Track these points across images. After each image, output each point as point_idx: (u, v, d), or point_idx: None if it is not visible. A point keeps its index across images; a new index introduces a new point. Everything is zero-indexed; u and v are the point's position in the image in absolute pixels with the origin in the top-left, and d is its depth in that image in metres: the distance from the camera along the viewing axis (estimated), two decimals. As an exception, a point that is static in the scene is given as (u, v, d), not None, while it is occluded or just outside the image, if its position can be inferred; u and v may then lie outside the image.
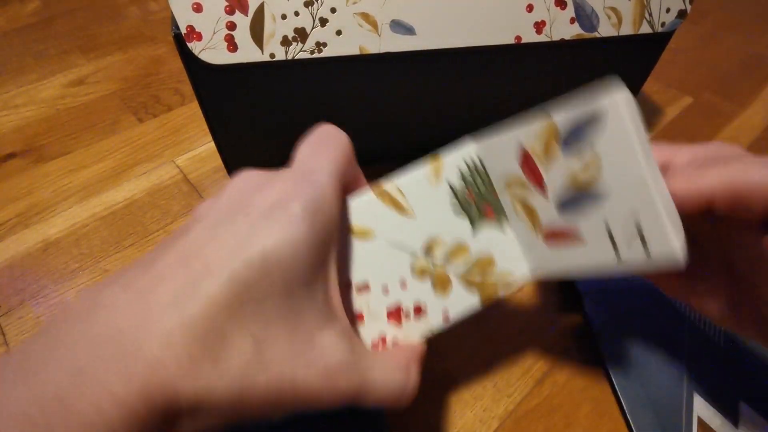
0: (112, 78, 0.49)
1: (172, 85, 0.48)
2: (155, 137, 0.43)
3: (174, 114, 0.46)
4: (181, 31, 0.27)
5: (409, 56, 0.30)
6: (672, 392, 0.27)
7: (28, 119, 0.45)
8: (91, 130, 0.44)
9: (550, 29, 0.31)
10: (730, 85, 0.50)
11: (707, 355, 0.29)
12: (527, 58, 0.34)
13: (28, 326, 0.31)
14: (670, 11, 0.33)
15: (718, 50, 0.54)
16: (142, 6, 0.60)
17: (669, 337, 0.29)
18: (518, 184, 0.19)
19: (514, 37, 0.31)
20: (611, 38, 0.33)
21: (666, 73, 0.51)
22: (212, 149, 0.42)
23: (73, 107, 0.46)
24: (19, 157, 0.42)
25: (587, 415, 0.27)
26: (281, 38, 0.28)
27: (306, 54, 0.29)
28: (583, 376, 0.29)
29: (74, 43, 0.54)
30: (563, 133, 0.17)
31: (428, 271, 0.20)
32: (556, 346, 0.30)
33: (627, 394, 0.27)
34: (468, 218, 0.20)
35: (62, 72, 0.50)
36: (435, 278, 0.20)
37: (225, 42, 0.27)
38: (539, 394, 0.28)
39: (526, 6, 0.30)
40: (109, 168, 0.41)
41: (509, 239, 0.20)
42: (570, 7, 0.31)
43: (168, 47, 0.53)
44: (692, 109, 0.47)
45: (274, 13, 0.27)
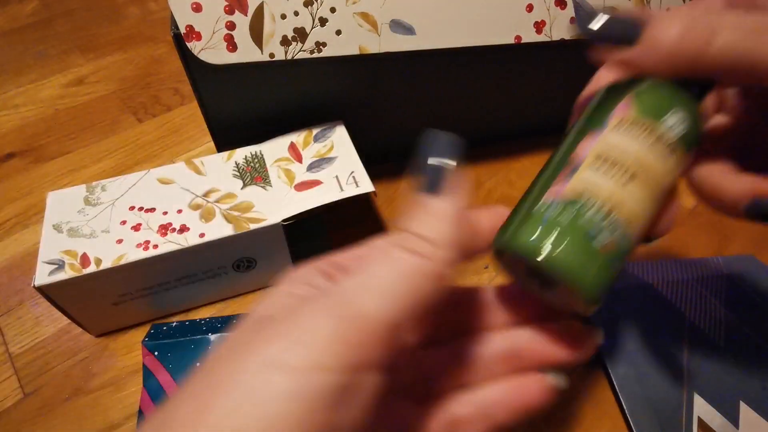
0: (111, 78, 0.49)
1: (172, 85, 0.48)
2: (155, 137, 0.43)
3: (173, 114, 0.45)
4: (180, 31, 0.27)
5: (408, 56, 0.30)
6: (672, 392, 0.27)
7: (28, 119, 0.45)
8: (91, 130, 0.44)
9: (550, 29, 0.31)
10: (730, 85, 0.50)
11: (707, 355, 0.29)
12: (527, 58, 0.34)
13: (27, 326, 0.31)
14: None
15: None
16: (141, 6, 0.60)
17: (669, 336, 0.29)
18: (284, 160, 0.31)
19: (513, 37, 0.31)
20: (611, 38, 0.33)
21: (666, 73, 0.50)
22: (212, 149, 0.42)
23: (73, 107, 0.46)
24: (18, 157, 0.42)
25: (587, 415, 0.27)
26: (281, 38, 0.28)
27: (306, 54, 0.29)
28: (583, 376, 0.29)
29: (74, 43, 0.54)
30: (315, 134, 0.33)
31: (201, 206, 0.29)
32: (556, 347, 0.30)
33: (627, 393, 0.27)
34: (242, 181, 0.30)
35: (62, 72, 0.50)
36: (204, 211, 0.28)
37: (224, 42, 0.27)
38: (539, 395, 0.28)
39: (526, 6, 0.30)
40: (108, 168, 0.40)
41: (269, 196, 0.29)
42: (570, 6, 0.31)
43: (167, 47, 0.53)
44: (692, 109, 0.47)
45: (274, 12, 0.27)
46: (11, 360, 0.29)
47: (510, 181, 0.40)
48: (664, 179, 0.16)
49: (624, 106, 0.17)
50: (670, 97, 0.17)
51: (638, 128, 0.16)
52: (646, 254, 0.35)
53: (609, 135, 0.17)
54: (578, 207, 0.15)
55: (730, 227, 0.37)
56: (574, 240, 0.15)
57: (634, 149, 0.16)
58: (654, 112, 0.17)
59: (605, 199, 0.15)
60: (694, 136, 0.17)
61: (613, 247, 0.15)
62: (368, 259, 0.14)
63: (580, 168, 0.16)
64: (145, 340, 0.27)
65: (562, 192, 0.16)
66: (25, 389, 0.28)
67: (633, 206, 0.16)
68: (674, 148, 0.17)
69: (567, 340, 0.18)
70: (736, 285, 0.32)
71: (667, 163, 0.16)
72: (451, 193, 0.14)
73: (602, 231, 0.15)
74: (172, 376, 0.26)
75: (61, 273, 0.25)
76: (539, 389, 0.17)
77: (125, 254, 0.26)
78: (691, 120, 0.17)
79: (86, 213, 0.28)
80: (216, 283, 0.30)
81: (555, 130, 0.42)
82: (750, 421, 0.26)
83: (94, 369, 0.29)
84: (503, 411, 0.17)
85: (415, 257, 0.14)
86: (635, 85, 0.17)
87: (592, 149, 0.16)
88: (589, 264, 0.15)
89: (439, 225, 0.14)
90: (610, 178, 0.16)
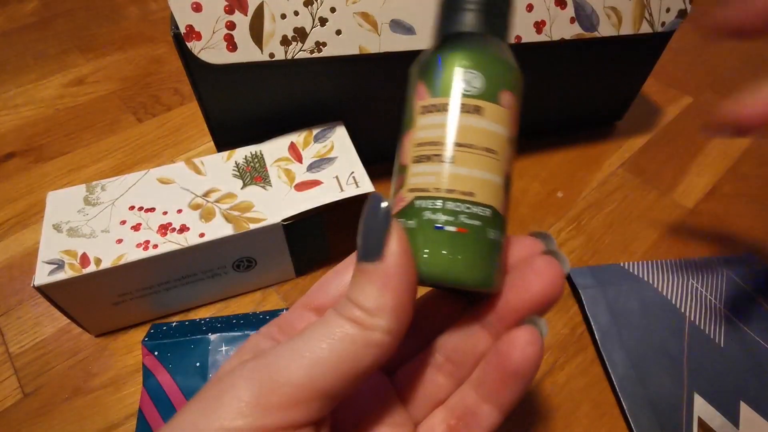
0: (111, 78, 0.49)
1: (172, 85, 0.48)
2: (154, 137, 0.43)
3: (173, 114, 0.45)
4: (180, 31, 0.27)
5: (409, 56, 0.30)
6: (672, 392, 0.27)
7: (28, 119, 0.45)
8: (91, 130, 0.44)
9: (550, 29, 0.31)
10: (731, 85, 0.50)
11: (707, 355, 0.29)
12: (527, 58, 0.34)
13: (26, 326, 0.31)
14: (670, 11, 0.33)
15: (718, 50, 0.54)
16: (141, 6, 0.60)
17: (669, 336, 0.29)
18: (284, 160, 0.31)
19: (514, 36, 0.31)
20: (611, 38, 0.33)
21: (666, 73, 0.50)
22: (211, 149, 0.42)
23: (73, 107, 0.46)
24: (18, 156, 0.41)
25: (587, 415, 0.27)
26: (281, 38, 0.28)
27: (306, 54, 0.29)
28: (583, 376, 0.29)
29: (73, 43, 0.54)
30: (315, 134, 0.33)
31: (200, 206, 0.28)
32: (556, 347, 0.30)
33: (627, 393, 0.27)
34: (242, 181, 0.30)
35: (61, 72, 0.50)
36: (204, 210, 0.28)
37: (224, 42, 0.27)
38: (539, 394, 0.28)
39: (526, 5, 0.30)
40: (108, 168, 0.40)
41: (269, 196, 0.29)
42: (570, 6, 0.31)
43: (167, 47, 0.53)
44: (692, 109, 0.47)
45: (274, 12, 0.27)
46: (11, 360, 0.29)
47: (510, 181, 0.40)
48: (490, 137, 0.16)
49: (418, 91, 0.17)
50: (449, 59, 0.16)
51: (438, 104, 0.16)
52: (647, 254, 0.35)
53: (418, 123, 0.16)
54: (417, 208, 0.15)
55: (730, 227, 0.37)
56: (429, 240, 0.15)
57: (443, 124, 0.15)
58: (442, 81, 0.16)
59: (437, 186, 0.15)
60: (501, 80, 0.16)
61: (472, 226, 0.15)
62: (310, 326, 0.14)
63: (407, 169, 0.16)
64: (145, 339, 0.27)
65: (402, 200, 0.16)
66: (25, 389, 0.28)
67: (468, 179, 0.15)
68: (482, 103, 0.16)
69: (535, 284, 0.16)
70: (736, 285, 0.32)
71: (482, 120, 0.16)
72: (389, 258, 0.14)
73: (451, 217, 0.15)
74: (171, 376, 0.26)
75: (61, 273, 0.25)
76: (526, 341, 0.15)
77: (125, 254, 0.26)
78: (487, 69, 0.16)
79: (86, 213, 0.28)
80: (216, 282, 0.30)
81: (555, 130, 0.43)
82: (750, 421, 0.26)
83: (93, 369, 0.29)
84: (494, 384, 0.16)
85: (349, 326, 0.13)
86: (419, 65, 0.17)
87: (410, 145, 0.16)
88: (456, 257, 0.15)
89: (377, 292, 0.14)
90: (434, 164, 0.15)
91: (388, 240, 0.14)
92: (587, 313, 0.30)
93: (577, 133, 0.43)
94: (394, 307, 0.14)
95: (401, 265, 0.14)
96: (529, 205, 0.38)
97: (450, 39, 0.17)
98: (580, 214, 0.37)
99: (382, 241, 0.14)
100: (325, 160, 0.31)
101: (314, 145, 0.32)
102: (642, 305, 0.31)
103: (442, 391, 0.17)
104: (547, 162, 0.41)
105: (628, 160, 0.42)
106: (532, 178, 0.40)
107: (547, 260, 0.16)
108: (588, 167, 0.41)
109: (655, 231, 0.37)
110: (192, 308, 0.31)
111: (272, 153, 0.32)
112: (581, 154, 0.42)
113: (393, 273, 0.14)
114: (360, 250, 0.14)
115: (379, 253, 0.14)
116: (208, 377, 0.26)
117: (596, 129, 0.44)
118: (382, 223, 0.14)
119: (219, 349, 0.26)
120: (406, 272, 0.14)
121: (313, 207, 0.28)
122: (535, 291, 0.16)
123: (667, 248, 0.35)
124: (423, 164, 0.16)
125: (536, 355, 0.15)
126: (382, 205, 0.14)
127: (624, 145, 0.43)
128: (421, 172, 0.16)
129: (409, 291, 0.14)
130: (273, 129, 0.33)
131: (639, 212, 0.38)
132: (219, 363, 0.26)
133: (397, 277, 0.14)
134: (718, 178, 0.41)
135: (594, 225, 0.37)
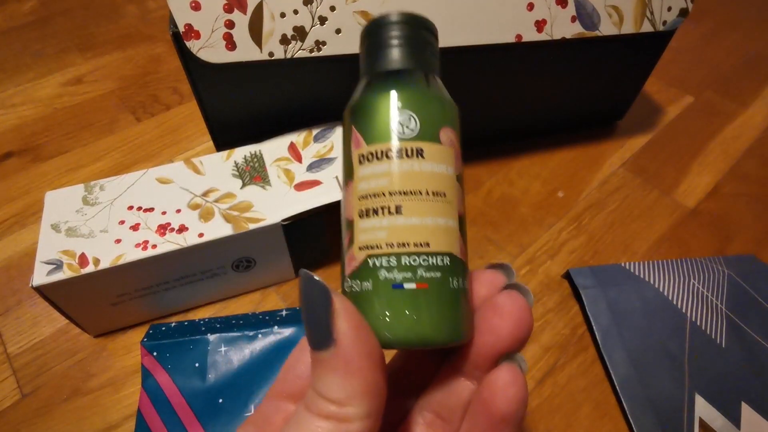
0: (110, 77, 0.49)
1: (171, 84, 0.48)
2: (153, 136, 0.43)
3: (172, 113, 0.45)
4: (179, 30, 0.27)
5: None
6: (673, 393, 0.27)
7: (26, 118, 0.45)
8: (89, 130, 0.44)
9: (551, 28, 0.31)
10: (732, 84, 0.50)
11: (708, 356, 0.28)
12: (528, 57, 0.34)
13: (25, 326, 0.31)
14: (672, 10, 0.33)
15: (719, 49, 0.54)
16: (140, 4, 0.60)
17: (670, 337, 0.29)
18: (283, 160, 0.31)
19: (514, 35, 0.31)
20: (612, 37, 0.33)
21: (667, 72, 0.50)
22: (210, 148, 0.42)
23: (71, 106, 0.46)
24: (16, 156, 0.41)
25: (588, 416, 0.27)
26: (280, 37, 0.28)
27: (305, 53, 0.28)
28: (584, 376, 0.29)
29: (72, 42, 0.53)
30: (315, 134, 0.32)
31: (200, 206, 0.28)
32: (557, 347, 0.30)
33: (628, 394, 0.27)
34: (241, 180, 0.30)
35: (60, 71, 0.50)
36: (203, 210, 0.28)
37: (223, 40, 0.27)
38: (540, 395, 0.28)
39: (527, 4, 0.30)
40: (107, 167, 0.40)
41: (268, 196, 0.29)
42: (571, 5, 0.31)
43: (166, 46, 0.53)
44: (693, 109, 0.47)
45: (273, 11, 0.27)
46: (9, 360, 0.29)
47: (510, 181, 0.39)
48: (436, 179, 0.15)
49: (354, 138, 0.15)
50: (379, 101, 0.15)
51: (376, 151, 0.15)
52: (648, 254, 0.35)
53: (358, 174, 0.15)
54: (371, 267, 0.14)
55: (731, 227, 0.37)
56: (389, 302, 0.14)
57: (385, 173, 0.14)
58: (376, 126, 0.15)
59: (389, 241, 0.14)
60: (438, 117, 0.15)
61: (432, 279, 0.14)
62: (287, 427, 0.13)
63: (354, 225, 0.15)
64: (144, 340, 0.27)
65: (353, 259, 0.15)
66: (24, 390, 0.28)
67: (421, 229, 0.14)
68: (422, 144, 0.15)
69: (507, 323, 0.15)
70: (737, 285, 0.32)
71: (425, 163, 0.14)
72: (343, 341, 0.12)
73: (408, 273, 0.14)
74: (170, 376, 0.26)
75: (59, 273, 0.25)
76: (506, 383, 0.14)
77: (124, 254, 0.26)
78: (422, 108, 0.15)
79: (84, 213, 0.28)
80: (215, 283, 0.30)
81: (555, 129, 0.42)
82: (751, 422, 0.26)
83: (92, 369, 0.29)
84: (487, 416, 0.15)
85: (324, 423, 0.12)
86: (350, 109, 0.16)
87: (353, 198, 0.15)
88: (420, 315, 0.13)
89: (341, 381, 0.12)
90: (381, 217, 0.14)
91: (335, 321, 0.13)
92: (588, 313, 0.30)
93: (577, 132, 0.43)
94: (364, 390, 0.12)
95: (357, 344, 0.13)
96: (530, 205, 0.38)
97: (378, 78, 0.16)
98: (580, 214, 0.37)
99: (329, 324, 0.13)
100: (325, 161, 0.31)
101: (314, 145, 0.32)
102: (643, 305, 0.31)
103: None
104: (548, 161, 0.41)
105: (629, 159, 0.42)
106: (532, 178, 0.40)
107: (510, 297, 0.15)
108: (589, 167, 0.41)
109: (656, 231, 0.36)
110: (191, 308, 0.31)
111: (272, 153, 0.32)
112: (582, 153, 0.42)
113: (351, 356, 0.12)
114: (309, 339, 0.13)
115: (330, 339, 0.12)
116: (207, 378, 0.26)
117: (597, 128, 0.44)
118: (322, 305, 0.13)
119: (218, 349, 0.26)
120: (365, 350, 0.13)
121: (313, 207, 0.28)
122: (504, 334, 0.15)
123: (668, 248, 0.35)
124: (370, 219, 0.14)
125: (520, 394, 0.14)
126: (316, 285, 0.13)
127: (625, 144, 0.43)
128: (369, 227, 0.14)
129: (375, 367, 0.13)
130: (272, 128, 0.33)
131: (640, 212, 0.38)
132: (218, 363, 0.26)
133: (358, 359, 0.12)
134: (720, 178, 0.40)
135: (595, 225, 0.37)
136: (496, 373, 0.14)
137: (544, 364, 0.29)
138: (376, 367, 0.13)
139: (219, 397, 0.25)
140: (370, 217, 0.14)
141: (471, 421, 0.15)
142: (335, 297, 0.13)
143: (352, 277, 0.15)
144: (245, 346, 0.26)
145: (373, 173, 0.15)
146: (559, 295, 0.32)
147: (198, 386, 0.25)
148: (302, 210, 0.28)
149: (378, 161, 0.15)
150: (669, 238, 0.36)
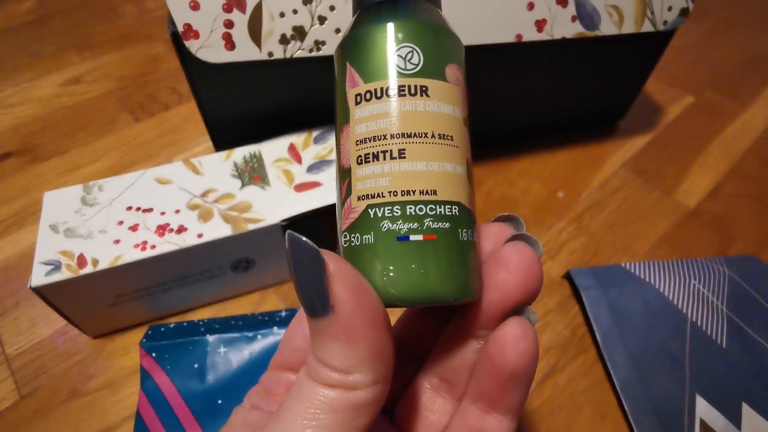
0: (108, 77, 0.49)
1: (169, 84, 0.48)
2: (152, 137, 0.43)
3: (171, 113, 0.45)
4: (178, 30, 0.26)
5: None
6: (674, 394, 0.27)
7: (24, 118, 0.44)
8: (87, 130, 0.43)
9: (552, 27, 0.31)
10: (732, 84, 0.50)
11: (709, 357, 0.28)
12: (528, 57, 0.34)
13: (23, 328, 0.30)
14: (672, 9, 0.33)
15: (720, 49, 0.54)
16: (138, 4, 0.59)
17: (671, 338, 0.29)
18: (283, 161, 0.31)
19: (514, 35, 0.31)
20: (613, 37, 0.32)
21: (668, 72, 0.50)
22: (210, 149, 0.41)
23: (69, 106, 0.46)
24: (14, 156, 0.41)
25: (589, 417, 0.27)
26: (279, 36, 0.28)
27: (305, 52, 0.28)
28: (585, 377, 0.29)
29: (70, 42, 0.53)
30: (315, 136, 0.32)
31: (199, 206, 0.28)
32: (557, 348, 0.30)
33: (629, 395, 0.27)
34: (240, 181, 0.30)
35: (58, 71, 0.49)
36: (202, 211, 0.28)
37: (222, 40, 0.27)
38: (540, 396, 0.28)
39: (527, 4, 0.30)
40: (105, 168, 0.40)
41: (268, 197, 0.29)
42: (571, 5, 0.30)
43: (165, 46, 0.53)
44: (694, 109, 0.47)
45: (272, 11, 0.27)
46: (7, 362, 0.29)
47: (510, 181, 0.39)
48: (442, 120, 0.13)
49: (348, 78, 0.14)
50: (377, 32, 0.13)
51: (375, 89, 0.13)
52: (648, 255, 0.35)
53: (355, 116, 0.14)
54: (373, 218, 0.13)
55: (732, 227, 0.37)
56: (393, 255, 0.12)
57: (386, 113, 0.13)
58: (375, 60, 0.13)
59: (392, 189, 0.13)
60: (444, 51, 0.14)
61: (440, 231, 0.13)
62: (287, 402, 0.12)
63: (351, 172, 0.13)
64: (143, 341, 0.26)
65: (352, 210, 0.13)
66: (22, 391, 0.28)
67: (427, 175, 0.13)
68: (426, 81, 0.13)
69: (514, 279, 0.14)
70: (738, 286, 0.32)
71: (430, 102, 0.13)
72: (341, 307, 0.11)
73: (414, 224, 0.12)
74: (169, 377, 0.26)
75: (58, 274, 0.25)
76: (517, 337, 0.13)
77: (122, 255, 0.26)
78: (426, 41, 0.13)
79: (83, 213, 0.28)
80: (214, 283, 0.30)
81: (556, 129, 0.42)
82: (752, 423, 0.26)
83: (90, 371, 0.29)
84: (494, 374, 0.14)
85: (329, 391, 0.12)
86: (344, 45, 0.14)
87: (350, 143, 0.14)
88: (427, 270, 0.12)
89: (344, 348, 0.12)
90: (383, 163, 0.13)
91: (331, 286, 0.12)
92: (588, 314, 0.30)
93: (578, 132, 0.43)
94: (370, 356, 0.12)
95: (358, 309, 0.12)
96: (530, 205, 0.38)
97: (375, 8, 0.14)
98: (581, 215, 0.37)
99: (324, 290, 0.12)
100: (324, 162, 0.30)
101: (314, 147, 0.32)
102: (644, 306, 0.31)
103: (445, 414, 0.16)
104: (548, 162, 0.41)
105: (630, 159, 0.42)
106: (533, 178, 0.40)
107: (517, 248, 0.14)
108: (589, 167, 0.41)
109: (657, 231, 0.36)
110: (190, 309, 0.31)
111: (271, 153, 0.31)
112: (582, 153, 0.42)
113: (353, 323, 0.11)
114: (304, 307, 0.12)
115: (327, 306, 0.12)
116: (206, 379, 0.26)
117: (597, 128, 0.44)
118: (315, 270, 0.12)
119: (217, 350, 0.26)
120: (367, 314, 0.12)
121: (313, 209, 0.28)
122: (511, 289, 0.13)
123: (668, 249, 0.35)
124: (370, 165, 0.13)
125: (530, 349, 0.13)
126: (305, 247, 0.12)
127: (625, 144, 0.43)
128: (369, 174, 0.13)
129: (380, 329, 0.12)
130: (272, 129, 0.33)
131: (640, 212, 0.38)
132: (217, 364, 0.26)
133: (360, 324, 0.12)
134: (720, 178, 0.40)
135: (595, 225, 0.37)
136: (504, 328, 0.13)
137: (544, 365, 0.29)
138: (380, 330, 0.12)
139: (218, 398, 0.25)
140: (370, 163, 0.13)
141: (477, 382, 0.14)
142: (329, 259, 0.12)
143: (350, 230, 0.13)
144: (244, 347, 0.26)
145: (372, 114, 0.13)
146: (559, 295, 0.32)
147: (197, 387, 0.25)
148: (302, 211, 0.28)
149: (377, 100, 0.13)
150: (670, 239, 0.36)
